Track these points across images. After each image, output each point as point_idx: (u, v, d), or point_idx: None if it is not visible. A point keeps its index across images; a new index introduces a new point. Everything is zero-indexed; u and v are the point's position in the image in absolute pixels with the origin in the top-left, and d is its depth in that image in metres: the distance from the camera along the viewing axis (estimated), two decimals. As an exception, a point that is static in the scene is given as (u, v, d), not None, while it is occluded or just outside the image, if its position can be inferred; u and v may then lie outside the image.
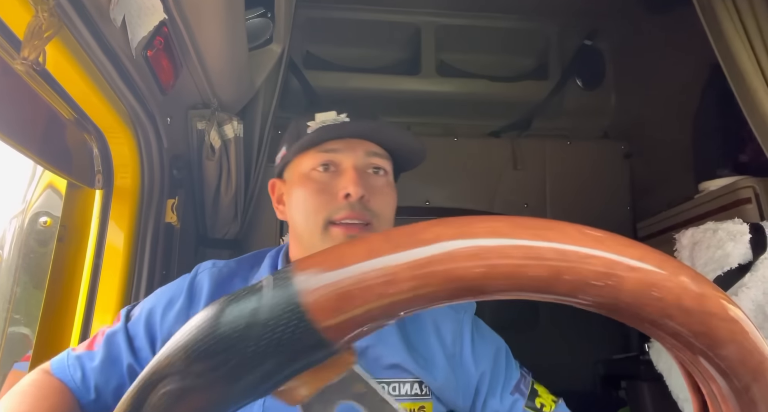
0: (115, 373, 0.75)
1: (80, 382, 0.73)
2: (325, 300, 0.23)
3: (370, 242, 0.24)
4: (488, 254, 0.22)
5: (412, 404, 0.75)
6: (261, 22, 1.31)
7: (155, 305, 0.79)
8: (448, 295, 0.23)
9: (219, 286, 0.79)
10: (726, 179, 1.37)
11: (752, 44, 1.11)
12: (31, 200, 1.05)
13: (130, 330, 0.77)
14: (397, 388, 0.75)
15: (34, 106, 0.90)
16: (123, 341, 0.76)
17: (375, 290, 0.23)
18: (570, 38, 1.95)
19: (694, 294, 0.23)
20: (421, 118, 1.96)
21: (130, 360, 0.75)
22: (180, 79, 1.10)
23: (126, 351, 0.75)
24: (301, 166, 0.80)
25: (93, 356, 0.75)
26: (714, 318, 0.23)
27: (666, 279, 0.23)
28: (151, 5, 0.83)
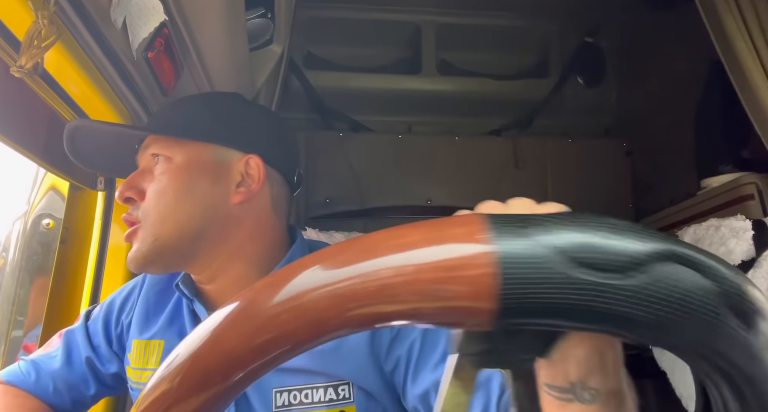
0: (74, 370, 0.76)
1: (34, 383, 0.74)
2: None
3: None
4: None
5: (330, 411, 0.66)
6: (261, 22, 1.31)
7: (113, 301, 0.81)
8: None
9: (154, 295, 0.79)
10: (728, 176, 1.36)
11: (754, 40, 1.10)
12: (34, 202, 1.06)
13: (90, 328, 0.79)
14: (310, 394, 0.67)
15: (35, 108, 0.90)
16: (82, 338, 0.77)
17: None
18: (570, 36, 1.94)
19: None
20: (422, 118, 1.96)
21: (89, 354, 0.76)
22: (181, 81, 1.10)
23: (85, 346, 0.77)
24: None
25: (49, 357, 0.76)
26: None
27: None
28: (151, 6, 0.83)
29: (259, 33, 1.33)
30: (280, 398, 0.66)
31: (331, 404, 0.66)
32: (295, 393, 0.67)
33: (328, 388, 0.67)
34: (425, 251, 0.20)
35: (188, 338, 0.24)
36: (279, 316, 0.22)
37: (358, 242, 0.22)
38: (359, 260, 0.21)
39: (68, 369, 0.76)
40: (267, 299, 0.23)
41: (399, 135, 1.88)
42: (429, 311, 0.20)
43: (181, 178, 0.69)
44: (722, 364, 0.22)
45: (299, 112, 1.85)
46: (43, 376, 0.75)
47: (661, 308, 0.20)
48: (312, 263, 0.23)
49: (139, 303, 0.77)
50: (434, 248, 0.20)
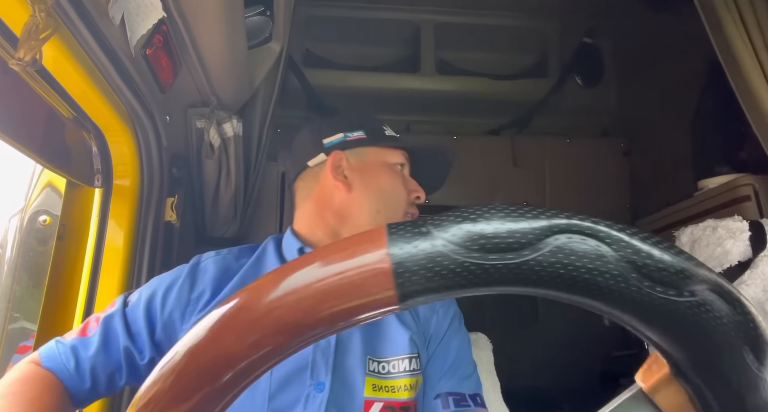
0: (111, 358, 0.75)
1: (74, 371, 0.73)
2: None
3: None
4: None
5: (410, 379, 0.78)
6: (260, 20, 1.30)
7: (155, 291, 0.80)
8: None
9: (224, 271, 0.82)
10: (725, 177, 1.37)
11: (752, 41, 1.10)
12: (31, 199, 1.05)
13: (128, 315, 0.78)
14: (396, 365, 0.79)
15: (33, 104, 0.90)
16: (120, 325, 0.76)
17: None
18: (569, 36, 1.95)
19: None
20: (420, 117, 1.96)
21: (127, 343, 0.75)
22: (179, 78, 1.10)
23: (123, 335, 0.76)
24: (385, 156, 0.90)
25: (87, 343, 0.75)
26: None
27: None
28: (150, 3, 0.83)
29: (258, 31, 1.32)
30: (371, 364, 0.78)
31: (412, 374, 0.79)
32: (384, 364, 0.79)
33: (412, 359, 0.79)
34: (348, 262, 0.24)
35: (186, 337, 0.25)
36: (269, 314, 0.24)
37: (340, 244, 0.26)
38: (332, 262, 0.25)
39: (105, 357, 0.74)
40: (262, 296, 0.24)
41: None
42: (363, 307, 0.24)
43: None
44: (655, 332, 0.23)
45: (297, 110, 1.85)
46: (81, 363, 0.73)
47: (560, 280, 0.23)
48: (288, 271, 0.25)
49: (208, 281, 0.80)
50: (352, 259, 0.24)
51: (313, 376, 0.75)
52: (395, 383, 0.78)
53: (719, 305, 0.22)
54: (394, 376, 0.78)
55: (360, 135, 0.90)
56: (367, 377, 0.77)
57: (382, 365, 0.78)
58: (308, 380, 0.75)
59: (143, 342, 0.76)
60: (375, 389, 0.77)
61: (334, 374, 0.76)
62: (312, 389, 0.74)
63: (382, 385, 0.77)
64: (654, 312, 0.22)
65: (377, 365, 0.78)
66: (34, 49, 0.66)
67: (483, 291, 0.24)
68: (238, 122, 1.31)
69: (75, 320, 1.01)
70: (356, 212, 0.85)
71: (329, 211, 0.86)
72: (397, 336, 0.80)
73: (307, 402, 0.74)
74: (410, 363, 0.79)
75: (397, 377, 0.78)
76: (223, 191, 1.35)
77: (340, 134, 0.90)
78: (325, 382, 0.75)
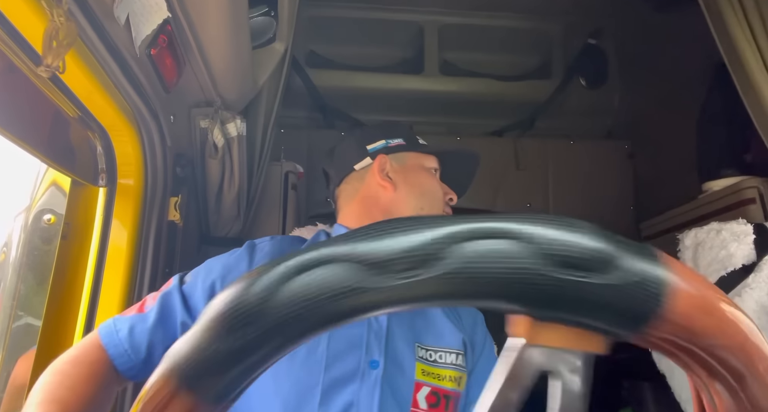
0: (168, 332, 0.77)
1: (128, 344, 0.75)
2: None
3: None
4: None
5: (456, 372, 0.84)
6: (264, 20, 1.31)
7: (212, 268, 0.83)
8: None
9: (280, 252, 0.86)
10: (730, 179, 1.36)
11: (758, 43, 1.10)
12: (35, 198, 1.06)
13: (186, 291, 0.81)
14: (444, 356, 0.84)
15: (38, 104, 0.90)
16: (178, 300, 0.79)
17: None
18: (574, 37, 1.94)
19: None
20: (424, 118, 1.96)
21: (185, 318, 0.78)
22: (183, 78, 1.10)
23: (181, 310, 0.78)
24: (423, 161, 0.99)
25: (144, 318, 0.78)
26: (713, 319, 0.23)
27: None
28: (155, 3, 0.83)
29: (262, 31, 1.33)
30: (420, 351, 0.83)
31: (457, 368, 0.84)
32: (431, 352, 0.84)
33: (459, 355, 0.85)
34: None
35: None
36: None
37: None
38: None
39: (163, 331, 0.77)
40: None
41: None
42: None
43: None
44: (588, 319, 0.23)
45: (301, 110, 1.85)
46: (137, 336, 0.75)
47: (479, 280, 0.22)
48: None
49: (267, 259, 0.84)
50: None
51: (368, 353, 0.79)
52: (442, 372, 0.83)
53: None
54: (440, 365, 0.83)
55: (399, 142, 0.99)
56: (417, 362, 0.81)
57: (429, 353, 0.83)
58: (363, 357, 0.79)
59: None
60: (424, 374, 0.81)
61: (386, 355, 0.80)
62: (367, 366, 0.78)
63: (430, 371, 0.82)
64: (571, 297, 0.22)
65: (425, 352, 0.83)
66: (60, 56, 0.66)
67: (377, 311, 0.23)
68: (241, 122, 1.31)
69: (78, 320, 1.02)
70: (402, 208, 0.93)
71: (377, 208, 0.94)
72: (444, 329, 0.86)
73: (364, 377, 0.77)
74: (456, 358, 0.85)
75: (444, 368, 0.83)
76: (226, 191, 1.35)
77: (382, 141, 0.99)
78: (379, 360, 0.79)
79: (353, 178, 0.98)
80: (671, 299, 0.22)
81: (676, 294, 0.22)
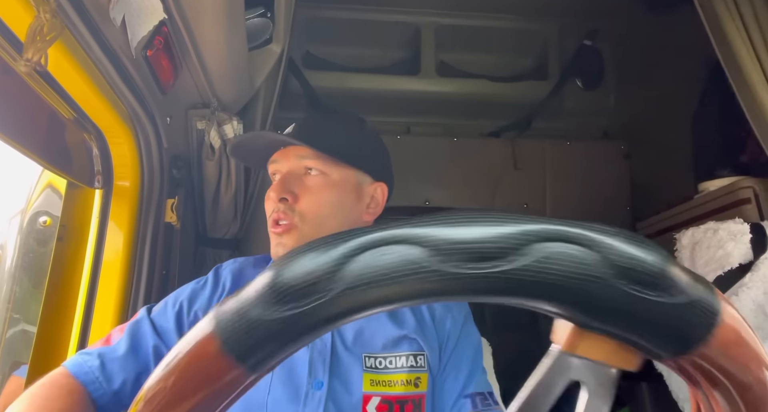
0: (139, 359, 0.76)
1: (99, 373, 0.73)
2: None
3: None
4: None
5: (409, 375, 0.80)
6: (261, 22, 1.30)
7: (180, 294, 0.84)
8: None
9: (236, 278, 0.87)
10: (726, 179, 1.37)
11: (753, 43, 1.11)
12: (31, 200, 1.05)
13: (155, 319, 0.81)
14: (394, 361, 0.80)
15: (34, 105, 0.90)
16: (148, 327, 0.79)
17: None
18: (569, 38, 1.95)
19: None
20: (420, 119, 1.96)
21: (156, 341, 0.77)
22: (179, 79, 1.10)
23: (151, 335, 0.78)
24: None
25: (114, 349, 0.76)
26: (743, 352, 0.23)
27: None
28: (150, 5, 0.83)
29: (259, 32, 1.32)
30: (368, 361, 0.80)
31: (412, 370, 0.80)
32: (381, 360, 0.80)
33: (410, 357, 0.81)
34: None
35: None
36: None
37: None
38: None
39: (134, 358, 0.76)
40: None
41: (397, 136, 1.88)
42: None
43: (336, 194, 0.84)
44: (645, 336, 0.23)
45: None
46: (107, 365, 0.74)
47: (548, 287, 0.22)
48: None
49: (228, 286, 0.84)
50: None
51: (312, 374, 0.78)
52: (392, 377, 0.80)
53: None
54: (390, 371, 0.80)
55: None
56: (364, 373, 0.79)
57: (378, 360, 0.80)
58: (306, 379, 0.77)
59: (171, 339, 0.78)
60: (372, 383, 0.79)
61: (331, 372, 0.78)
62: (311, 388, 0.77)
63: (378, 380, 0.79)
64: (634, 313, 0.22)
65: (374, 360, 0.80)
66: (41, 50, 0.66)
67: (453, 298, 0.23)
68: (238, 124, 1.31)
69: (75, 322, 1.01)
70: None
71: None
72: (392, 333, 0.82)
73: (306, 399, 0.76)
74: (408, 360, 0.81)
75: (395, 372, 0.80)
76: (223, 193, 1.35)
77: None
78: (323, 380, 0.77)
79: None
80: (719, 328, 0.23)
81: (723, 324, 0.23)
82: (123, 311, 1.05)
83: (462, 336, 0.86)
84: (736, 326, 0.23)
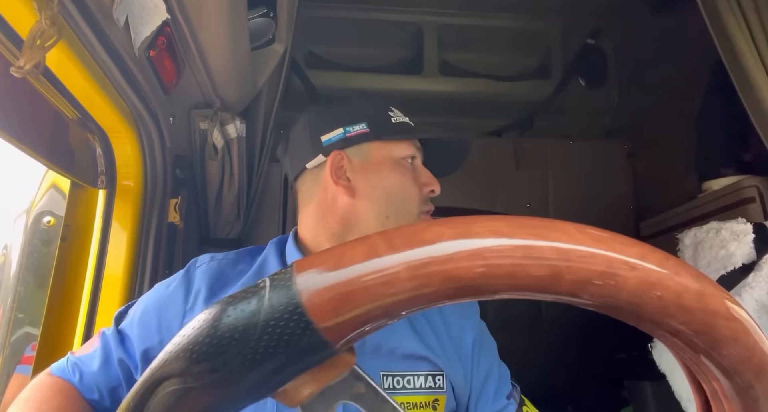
0: (111, 373, 0.75)
1: (79, 384, 0.74)
2: (325, 301, 0.23)
3: (370, 242, 0.24)
4: (488, 254, 0.23)
5: (428, 397, 0.74)
6: (263, 21, 1.31)
7: (148, 303, 0.78)
8: (449, 295, 0.23)
9: (218, 278, 0.77)
10: (729, 178, 1.36)
11: (756, 42, 1.10)
12: (35, 200, 1.06)
13: (123, 330, 0.77)
14: (412, 381, 0.74)
15: (38, 106, 0.90)
16: (114, 340, 0.76)
17: (375, 291, 0.23)
18: (572, 37, 1.94)
19: (695, 293, 0.23)
20: (423, 118, 1.95)
21: (121, 355, 0.74)
22: (182, 79, 1.10)
23: (117, 348, 0.75)
24: (392, 150, 0.81)
25: (90, 359, 0.76)
26: (715, 317, 0.23)
27: (667, 278, 0.23)
28: (153, 5, 0.83)
29: (261, 32, 1.33)
30: (385, 381, 0.73)
31: (429, 391, 0.74)
32: (399, 378, 0.74)
33: (428, 376, 0.75)
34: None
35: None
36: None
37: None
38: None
39: (105, 372, 0.74)
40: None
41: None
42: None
43: None
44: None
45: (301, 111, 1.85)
46: (85, 378, 0.74)
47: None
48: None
49: (202, 292, 0.75)
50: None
51: None
52: (410, 399, 0.74)
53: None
54: (409, 391, 0.74)
55: (362, 129, 0.80)
56: None
57: (396, 380, 0.74)
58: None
59: (134, 355, 0.74)
60: None
61: None
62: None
63: (398, 401, 0.76)
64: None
65: (392, 379, 0.74)
66: (35, 58, 0.65)
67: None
68: (241, 124, 1.31)
69: (78, 322, 1.02)
70: (362, 218, 0.77)
71: (332, 217, 0.78)
72: (412, 351, 0.76)
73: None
74: (427, 380, 0.75)
75: (412, 394, 0.74)
76: (226, 192, 1.35)
77: (339, 130, 0.80)
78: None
79: (308, 178, 0.82)
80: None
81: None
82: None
83: (484, 338, 0.83)
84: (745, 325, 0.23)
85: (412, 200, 0.80)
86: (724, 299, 0.23)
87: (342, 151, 0.80)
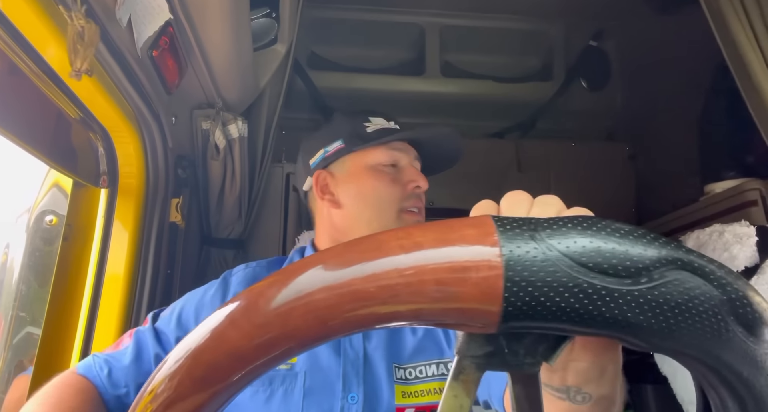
0: (143, 368, 0.77)
1: (107, 379, 0.75)
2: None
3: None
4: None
5: (441, 383, 0.79)
6: (266, 22, 1.31)
7: (186, 303, 0.83)
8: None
9: (252, 281, 0.84)
10: (732, 181, 1.36)
11: (760, 44, 1.10)
12: (37, 199, 1.06)
13: (159, 327, 0.81)
14: (424, 370, 0.79)
15: (40, 105, 0.90)
16: (151, 336, 0.79)
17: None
18: (575, 39, 1.94)
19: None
20: (425, 119, 1.96)
21: (158, 350, 0.78)
22: (185, 79, 1.10)
23: (154, 344, 0.78)
24: (366, 159, 0.88)
25: (120, 355, 0.78)
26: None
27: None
28: (156, 5, 0.83)
29: (264, 33, 1.33)
30: (398, 372, 0.79)
31: (441, 377, 0.78)
32: (411, 370, 0.79)
33: (439, 364, 0.80)
34: (429, 253, 0.20)
35: (190, 336, 0.24)
36: (282, 315, 0.22)
37: (364, 241, 0.22)
38: (363, 260, 0.21)
39: (137, 366, 0.77)
40: (271, 297, 0.23)
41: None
42: (432, 313, 0.20)
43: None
44: (725, 371, 0.22)
45: (302, 112, 1.85)
46: (114, 372, 0.76)
47: (666, 314, 0.20)
48: (316, 262, 0.23)
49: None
50: (439, 249, 0.20)
51: (346, 388, 0.77)
52: (422, 387, 0.78)
53: None
54: (420, 380, 0.79)
55: (338, 145, 0.89)
56: (395, 385, 0.78)
57: (408, 371, 0.79)
58: (341, 393, 0.76)
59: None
60: (404, 396, 0.78)
61: (365, 385, 0.77)
62: (345, 402, 0.76)
63: (410, 391, 0.78)
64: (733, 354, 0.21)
65: (403, 371, 0.79)
66: (87, 56, 0.66)
67: (590, 331, 0.20)
68: (243, 124, 1.31)
69: (80, 321, 1.02)
70: (352, 225, 0.86)
71: (331, 228, 0.89)
72: (419, 342, 0.81)
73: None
74: (438, 368, 0.79)
75: (424, 382, 0.79)
76: (228, 192, 1.35)
77: (321, 151, 0.90)
78: (357, 394, 0.76)
79: (310, 200, 0.95)
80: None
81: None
82: (128, 310, 1.06)
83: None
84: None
85: (392, 201, 0.86)
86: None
87: (325, 169, 0.90)
